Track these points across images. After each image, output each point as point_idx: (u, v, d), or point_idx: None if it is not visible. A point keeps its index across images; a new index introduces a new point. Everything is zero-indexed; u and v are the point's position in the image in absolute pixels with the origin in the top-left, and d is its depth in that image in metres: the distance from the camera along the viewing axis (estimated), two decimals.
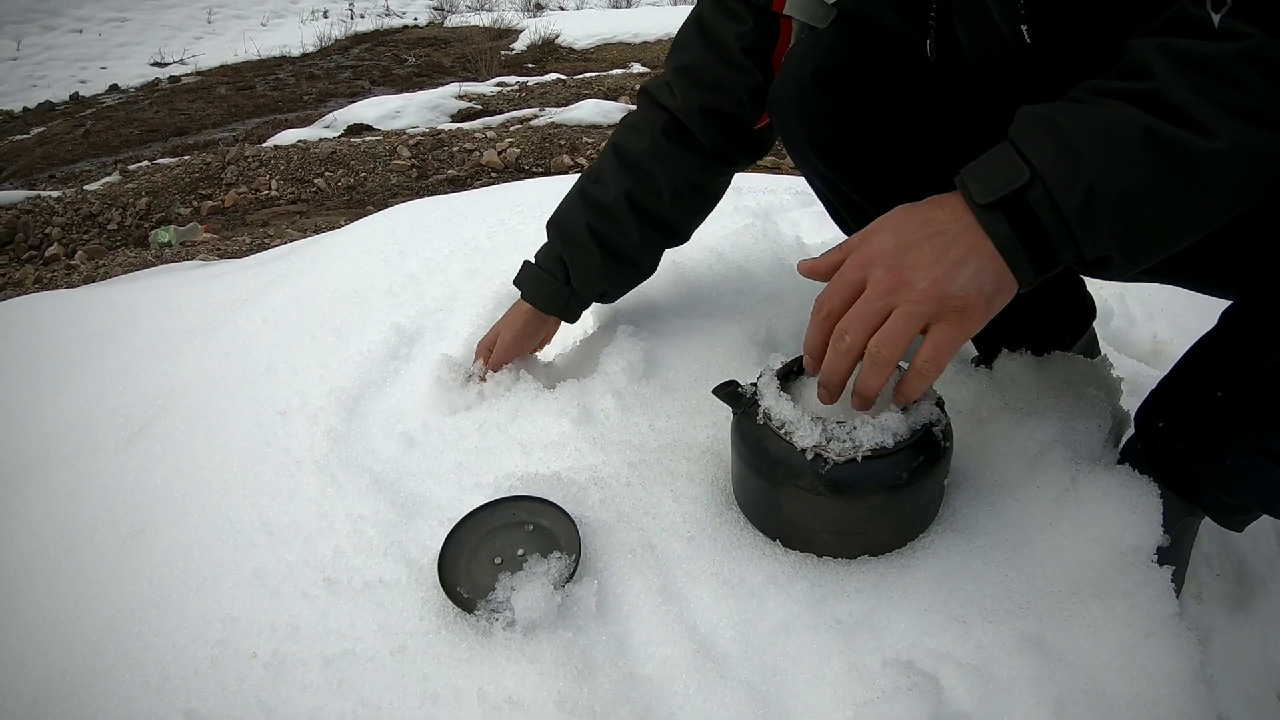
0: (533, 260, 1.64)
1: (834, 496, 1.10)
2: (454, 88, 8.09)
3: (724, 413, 1.33)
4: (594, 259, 1.55)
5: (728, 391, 1.22)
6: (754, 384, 1.21)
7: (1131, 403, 1.45)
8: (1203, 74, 0.85)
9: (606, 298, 1.66)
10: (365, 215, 2.97)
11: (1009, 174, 0.91)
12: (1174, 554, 1.26)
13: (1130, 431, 1.38)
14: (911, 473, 1.10)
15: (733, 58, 1.44)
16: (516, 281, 1.64)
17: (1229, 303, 1.15)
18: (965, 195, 0.94)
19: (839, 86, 1.31)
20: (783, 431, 1.11)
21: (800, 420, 1.10)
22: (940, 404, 1.18)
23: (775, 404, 1.14)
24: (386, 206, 3.33)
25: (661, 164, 1.52)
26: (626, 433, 1.40)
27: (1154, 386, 1.28)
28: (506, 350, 1.61)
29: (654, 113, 1.54)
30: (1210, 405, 1.13)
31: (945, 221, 0.94)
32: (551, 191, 2.50)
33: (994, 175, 0.92)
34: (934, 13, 1.17)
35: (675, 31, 1.55)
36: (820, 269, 1.03)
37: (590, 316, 1.73)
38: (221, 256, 4.08)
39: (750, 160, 1.61)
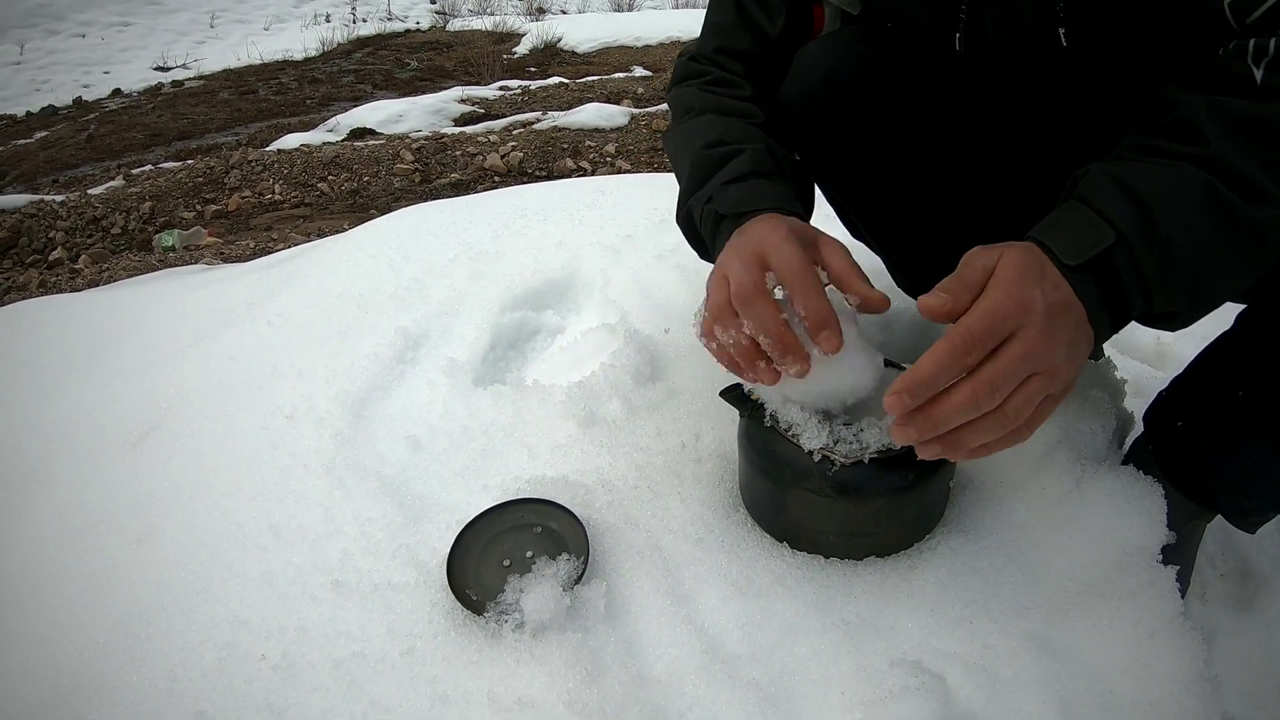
0: (693, 208, 1.26)
1: (841, 498, 1.10)
2: (456, 91, 8.09)
3: (730, 414, 1.34)
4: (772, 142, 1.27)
5: (735, 394, 1.23)
6: None
7: (1135, 404, 1.46)
8: (1255, 136, 0.87)
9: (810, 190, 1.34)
10: (369, 219, 2.97)
11: (1093, 234, 0.89)
12: (1179, 554, 1.26)
13: (1135, 432, 1.38)
14: (918, 475, 1.11)
15: (773, 50, 1.39)
16: (727, 208, 1.17)
17: (1235, 306, 1.16)
18: (1051, 256, 0.89)
19: (854, 91, 1.30)
20: (790, 434, 1.12)
21: (807, 422, 1.11)
22: None
23: (782, 406, 1.14)
24: (390, 210, 3.34)
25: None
26: (633, 435, 1.40)
27: (1163, 387, 1.28)
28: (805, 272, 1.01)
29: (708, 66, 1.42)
30: (1231, 406, 1.13)
31: (1061, 288, 0.88)
32: (556, 195, 2.52)
33: (1077, 235, 0.90)
34: (965, 5, 1.17)
35: (676, 35, 1.54)
36: (959, 311, 0.88)
37: (594, 316, 1.73)
38: (225, 260, 4.08)
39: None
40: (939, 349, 0.86)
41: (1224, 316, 1.15)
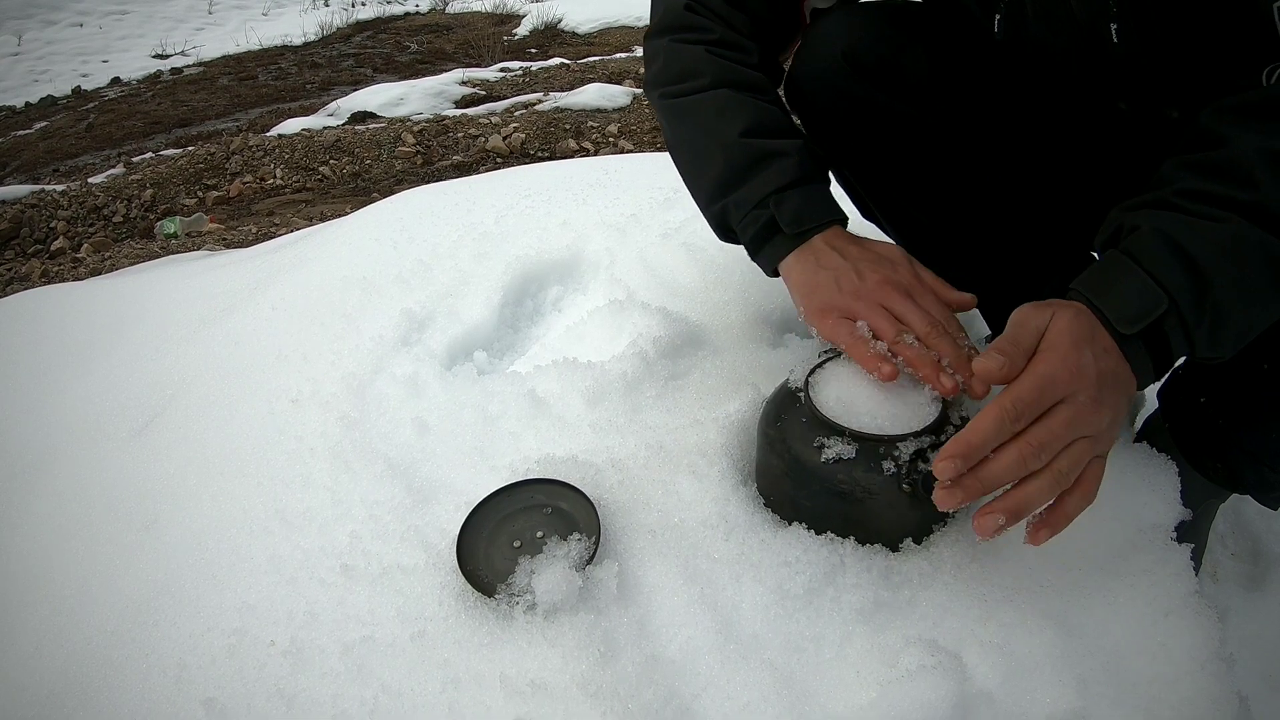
0: (731, 207, 1.25)
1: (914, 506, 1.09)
2: (457, 74, 8.06)
3: (741, 391, 1.33)
4: (767, 109, 1.26)
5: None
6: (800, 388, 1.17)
7: None
8: None
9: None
10: (371, 202, 2.96)
11: (1147, 301, 0.90)
12: (1193, 533, 1.26)
13: (1146, 410, 1.37)
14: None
15: (778, 8, 1.35)
16: (795, 219, 1.20)
17: None
18: (1103, 320, 0.93)
19: (873, 71, 1.26)
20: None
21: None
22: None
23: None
24: (392, 193, 3.33)
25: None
26: (643, 413, 1.39)
27: (1178, 363, 1.27)
28: (904, 288, 1.14)
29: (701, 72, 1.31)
30: (1257, 379, 1.11)
31: (1111, 353, 0.93)
32: (559, 175, 2.50)
33: (1130, 301, 0.91)
34: None
35: None
36: (1014, 374, 0.93)
37: (601, 295, 1.72)
38: (228, 246, 4.07)
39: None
40: (989, 414, 0.89)
41: None
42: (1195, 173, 0.93)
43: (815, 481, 1.11)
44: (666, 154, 1.46)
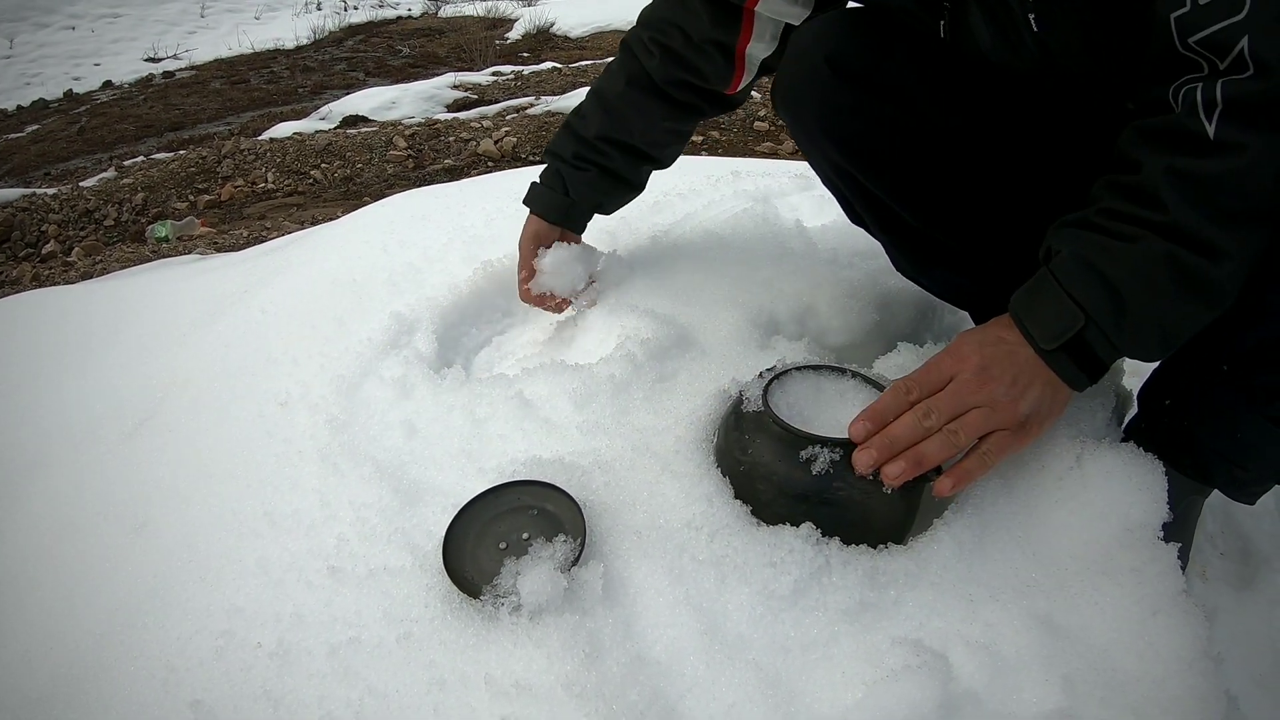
0: (537, 181, 1.71)
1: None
2: (449, 78, 8.07)
3: (724, 394, 1.33)
4: (588, 174, 1.65)
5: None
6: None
7: (1133, 382, 1.45)
8: (1211, 195, 0.96)
9: (604, 209, 1.75)
10: (362, 206, 2.96)
11: (1065, 319, 1.03)
12: (1179, 531, 1.26)
13: (1134, 410, 1.38)
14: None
15: (703, 45, 1.52)
16: (526, 200, 1.71)
17: None
18: (1026, 336, 1.07)
19: (856, 75, 1.29)
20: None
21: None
22: None
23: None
24: (383, 197, 3.33)
25: (635, 110, 1.61)
26: (629, 416, 1.39)
27: (1155, 366, 1.28)
28: (523, 251, 1.70)
29: (631, 63, 1.61)
30: (1217, 378, 1.13)
31: (1016, 344, 1.08)
32: None
33: (1050, 319, 1.05)
34: None
35: None
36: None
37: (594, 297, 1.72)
38: (219, 250, 4.07)
39: (722, 112, 1.73)
40: (890, 391, 1.13)
41: None
42: (1114, 193, 1.03)
43: (812, 495, 1.14)
44: None
